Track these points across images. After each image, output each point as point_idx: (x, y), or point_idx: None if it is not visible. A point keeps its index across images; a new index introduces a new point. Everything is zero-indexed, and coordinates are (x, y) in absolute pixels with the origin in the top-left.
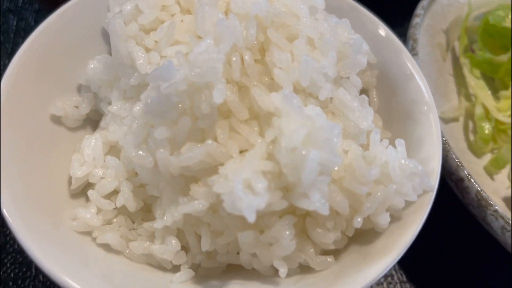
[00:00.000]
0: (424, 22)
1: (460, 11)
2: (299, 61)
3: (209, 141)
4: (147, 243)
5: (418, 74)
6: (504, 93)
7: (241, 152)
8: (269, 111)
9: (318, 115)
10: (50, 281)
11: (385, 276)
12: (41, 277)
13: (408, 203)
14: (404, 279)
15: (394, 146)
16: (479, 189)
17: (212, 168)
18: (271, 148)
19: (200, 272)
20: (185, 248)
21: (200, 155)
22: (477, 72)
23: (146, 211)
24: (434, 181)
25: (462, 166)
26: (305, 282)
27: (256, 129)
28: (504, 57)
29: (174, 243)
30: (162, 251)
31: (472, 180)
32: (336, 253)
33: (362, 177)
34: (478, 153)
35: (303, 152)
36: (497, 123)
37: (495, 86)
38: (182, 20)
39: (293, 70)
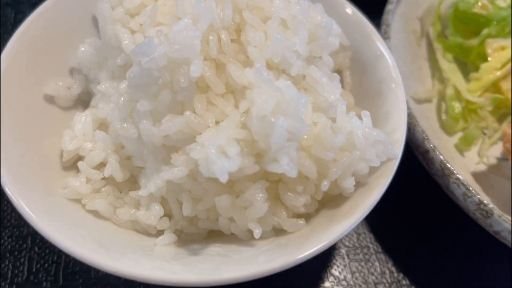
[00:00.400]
0: (398, 10)
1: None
2: (271, 39)
3: (188, 113)
4: (133, 210)
5: (387, 54)
6: (474, 75)
7: (217, 123)
8: (243, 85)
9: (287, 87)
10: (45, 252)
11: (362, 247)
12: (36, 249)
13: (373, 170)
14: (379, 250)
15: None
16: (442, 159)
17: (191, 138)
18: (244, 118)
19: (183, 238)
20: (169, 215)
21: (179, 125)
22: (449, 56)
23: (133, 183)
24: (398, 150)
25: (427, 139)
26: (278, 243)
27: (232, 102)
28: (474, 41)
29: (157, 208)
30: (146, 217)
31: (436, 152)
32: (308, 217)
33: (328, 145)
34: (449, 132)
35: (272, 120)
36: (467, 103)
37: (467, 69)
38: (165, 4)
39: (266, 48)
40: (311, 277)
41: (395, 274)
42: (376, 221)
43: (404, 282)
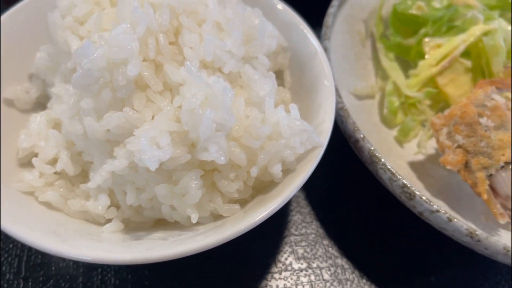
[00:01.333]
0: (342, 12)
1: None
2: (205, 40)
3: (126, 109)
4: (83, 201)
5: (321, 53)
6: (412, 71)
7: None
8: (178, 83)
9: (215, 83)
10: (8, 247)
11: (308, 235)
12: (0, 244)
13: (302, 157)
14: (324, 236)
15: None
16: (371, 148)
17: (130, 132)
18: (178, 112)
19: (131, 226)
20: (117, 206)
21: (118, 120)
22: (391, 55)
23: (85, 177)
24: (324, 139)
25: (358, 129)
26: (215, 225)
27: (168, 98)
28: (412, 41)
29: (104, 199)
30: (94, 207)
31: (365, 141)
32: (244, 202)
33: (256, 134)
34: (390, 125)
35: (200, 112)
36: (406, 98)
37: (409, 67)
38: (109, 12)
39: (200, 48)
40: (260, 264)
41: (339, 260)
42: (322, 211)
43: (346, 266)
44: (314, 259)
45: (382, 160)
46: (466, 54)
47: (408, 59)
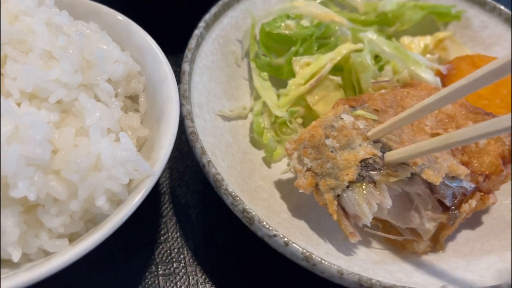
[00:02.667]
0: (212, 33)
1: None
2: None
3: None
4: None
5: (171, 78)
6: (282, 91)
7: None
8: None
9: (26, 115)
10: None
11: (173, 262)
12: None
13: (135, 185)
14: (189, 263)
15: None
16: (215, 172)
17: None
18: None
19: None
20: None
21: None
22: (265, 75)
23: None
24: (157, 168)
25: (205, 154)
26: (41, 261)
27: None
28: (281, 60)
29: None
30: None
31: (210, 165)
32: (77, 236)
33: (75, 166)
34: (257, 146)
35: (5, 147)
36: (276, 118)
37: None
38: None
39: (20, 79)
40: None
41: (204, 285)
42: (192, 234)
43: None
44: (177, 287)
45: (224, 185)
46: (338, 70)
47: (281, 78)
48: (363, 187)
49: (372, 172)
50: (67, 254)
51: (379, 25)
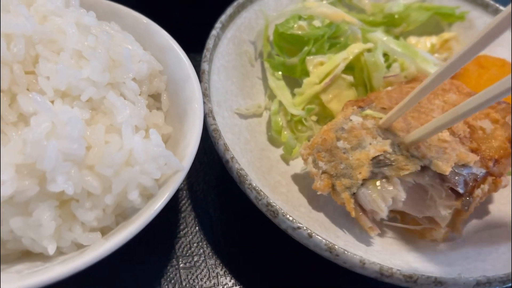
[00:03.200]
0: (227, 34)
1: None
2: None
3: None
4: None
5: (194, 77)
6: (297, 90)
7: None
8: (30, 113)
9: (63, 112)
10: None
11: (193, 255)
12: None
13: (163, 181)
14: (209, 256)
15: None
16: (238, 168)
17: None
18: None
19: None
20: None
21: None
22: (279, 74)
23: None
24: (185, 163)
25: (228, 150)
26: (74, 254)
27: (22, 130)
28: (295, 59)
29: None
30: None
31: (234, 161)
32: (108, 230)
33: (109, 161)
34: (276, 144)
35: (44, 143)
36: (292, 116)
37: (299, 85)
38: None
39: (54, 78)
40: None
41: (224, 278)
42: (210, 228)
43: (230, 284)
44: (198, 280)
45: (248, 180)
46: (349, 69)
47: (294, 77)
48: (377, 183)
49: (384, 168)
50: (101, 248)
51: (386, 26)
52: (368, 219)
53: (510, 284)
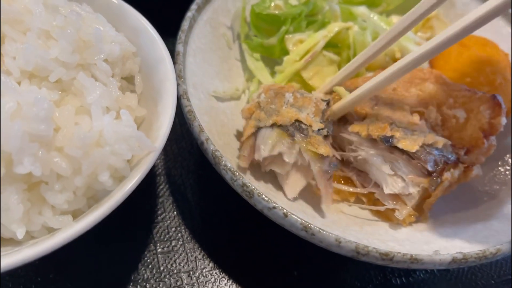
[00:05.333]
0: (203, 16)
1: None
2: (23, 49)
3: None
4: None
5: (168, 58)
6: (278, 68)
7: None
8: None
9: (28, 92)
10: None
11: (171, 240)
12: None
13: (135, 163)
14: (187, 240)
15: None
16: (213, 149)
17: None
18: None
19: None
20: None
21: None
22: (257, 55)
23: None
24: (158, 144)
25: (202, 131)
26: (44, 237)
27: None
28: (273, 40)
29: None
30: None
31: (209, 142)
32: (80, 213)
33: (78, 142)
34: None
35: (9, 124)
36: None
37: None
38: None
39: (20, 58)
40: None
41: (203, 261)
42: (189, 213)
43: (210, 266)
44: (177, 264)
45: (224, 161)
46: (330, 46)
47: (274, 58)
48: (283, 136)
49: (297, 134)
50: (71, 229)
51: (366, 5)
52: (249, 152)
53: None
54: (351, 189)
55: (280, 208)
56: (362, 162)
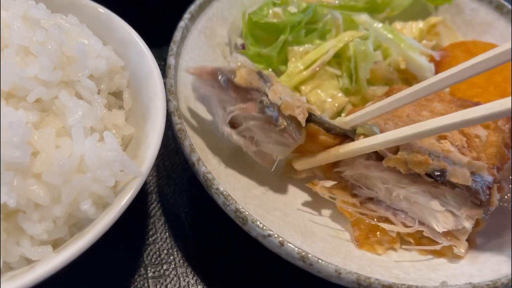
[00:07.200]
0: (197, 25)
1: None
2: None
3: None
4: None
5: (157, 73)
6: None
7: None
8: None
9: (5, 115)
10: None
11: (162, 264)
12: None
13: (121, 187)
14: (180, 264)
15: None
16: (205, 171)
17: None
18: None
19: None
20: None
21: None
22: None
23: None
24: (144, 168)
25: (194, 151)
26: (23, 270)
27: None
28: (271, 49)
29: None
30: None
31: (200, 164)
32: (62, 242)
33: (57, 168)
34: None
35: None
36: None
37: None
38: None
39: None
40: None
41: (196, 287)
42: (181, 234)
43: None
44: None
45: (215, 184)
46: (332, 59)
47: (272, 68)
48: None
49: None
50: (51, 262)
51: (368, 12)
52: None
53: None
54: (400, 230)
55: (276, 236)
56: (397, 199)
